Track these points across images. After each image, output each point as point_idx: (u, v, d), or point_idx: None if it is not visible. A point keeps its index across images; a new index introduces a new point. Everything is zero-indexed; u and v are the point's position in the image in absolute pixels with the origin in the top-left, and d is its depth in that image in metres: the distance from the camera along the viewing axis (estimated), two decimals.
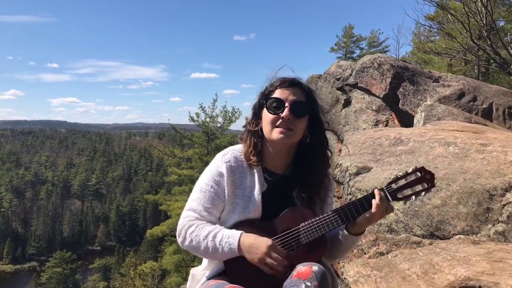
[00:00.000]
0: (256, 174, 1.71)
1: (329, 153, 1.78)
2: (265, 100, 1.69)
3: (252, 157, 1.70)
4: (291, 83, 1.70)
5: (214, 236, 1.60)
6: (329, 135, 1.81)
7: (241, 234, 1.59)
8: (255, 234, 1.59)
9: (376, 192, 1.62)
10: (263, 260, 1.54)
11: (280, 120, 1.64)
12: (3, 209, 78.50)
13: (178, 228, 1.70)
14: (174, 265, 17.27)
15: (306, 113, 1.68)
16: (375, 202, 1.60)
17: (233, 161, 1.72)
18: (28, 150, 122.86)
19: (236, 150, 1.75)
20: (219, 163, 1.72)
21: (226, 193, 1.69)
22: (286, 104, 1.64)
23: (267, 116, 1.68)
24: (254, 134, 1.73)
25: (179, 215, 1.75)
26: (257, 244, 1.55)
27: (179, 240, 1.70)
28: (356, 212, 1.64)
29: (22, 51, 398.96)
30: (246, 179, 1.71)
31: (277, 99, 1.66)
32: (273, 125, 1.65)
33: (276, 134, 1.64)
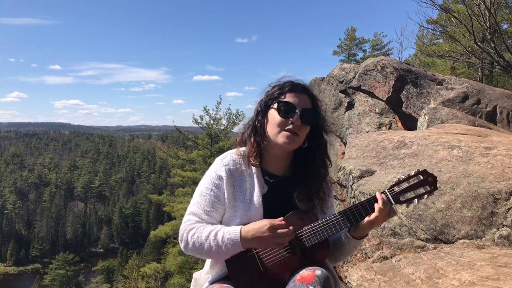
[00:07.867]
0: (255, 177, 1.72)
1: (328, 160, 1.81)
2: (276, 102, 1.69)
3: (254, 156, 1.70)
4: (301, 90, 1.71)
5: (216, 235, 1.61)
6: (332, 138, 1.82)
7: (241, 227, 1.60)
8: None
9: (378, 195, 1.64)
10: (273, 240, 1.56)
11: (290, 126, 1.64)
12: (6, 211, 78.80)
13: (180, 233, 1.71)
14: (177, 267, 17.27)
15: (313, 121, 1.70)
16: (377, 205, 1.62)
17: (231, 164, 1.72)
18: (32, 152, 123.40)
19: (234, 154, 1.76)
20: (218, 166, 1.73)
21: (226, 196, 1.69)
22: (297, 110, 1.65)
23: (275, 118, 1.67)
24: (257, 133, 1.72)
25: (182, 216, 1.75)
26: (259, 232, 1.56)
27: (181, 245, 1.70)
28: (359, 215, 1.65)
29: (24, 53, 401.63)
30: (245, 182, 1.71)
31: (289, 103, 1.66)
32: (281, 128, 1.65)
33: (282, 138, 1.65)
